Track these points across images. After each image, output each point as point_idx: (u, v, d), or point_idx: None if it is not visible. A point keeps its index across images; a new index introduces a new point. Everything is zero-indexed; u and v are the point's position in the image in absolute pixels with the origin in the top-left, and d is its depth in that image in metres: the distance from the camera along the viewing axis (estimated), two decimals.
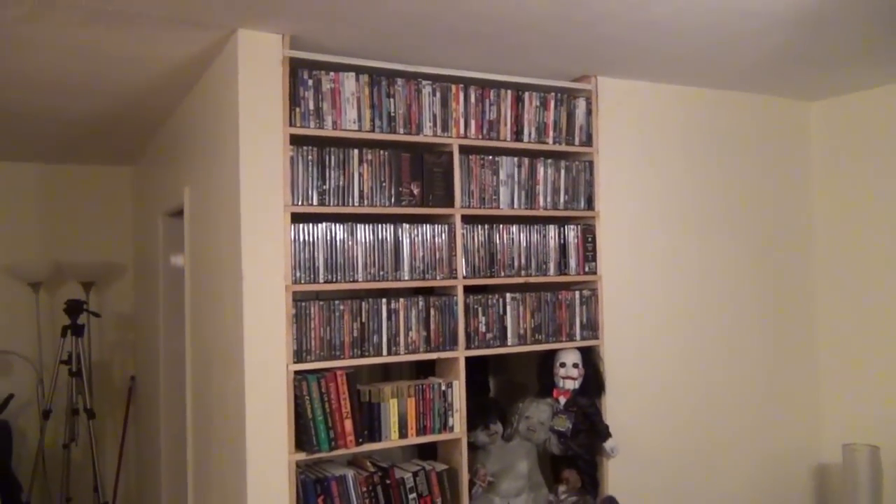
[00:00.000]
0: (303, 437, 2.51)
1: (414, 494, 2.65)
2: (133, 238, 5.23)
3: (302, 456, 2.51)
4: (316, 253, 2.57)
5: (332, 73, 2.60)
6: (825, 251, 3.72)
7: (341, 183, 2.62)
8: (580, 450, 2.94)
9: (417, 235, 2.74)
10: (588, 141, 3.09)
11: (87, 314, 4.76)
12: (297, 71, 2.56)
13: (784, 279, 3.66)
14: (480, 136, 2.87)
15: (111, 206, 5.24)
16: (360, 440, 2.58)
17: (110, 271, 5.12)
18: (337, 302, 2.59)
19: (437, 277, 2.76)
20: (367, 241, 2.65)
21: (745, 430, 3.49)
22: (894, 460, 3.35)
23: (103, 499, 4.62)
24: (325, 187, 2.59)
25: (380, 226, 2.67)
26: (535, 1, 2.28)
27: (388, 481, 2.62)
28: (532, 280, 2.95)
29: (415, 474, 2.67)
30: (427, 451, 2.99)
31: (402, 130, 2.72)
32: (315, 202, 2.57)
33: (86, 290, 4.97)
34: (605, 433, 2.97)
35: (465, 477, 2.76)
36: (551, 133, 3.01)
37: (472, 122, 2.86)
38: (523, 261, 2.94)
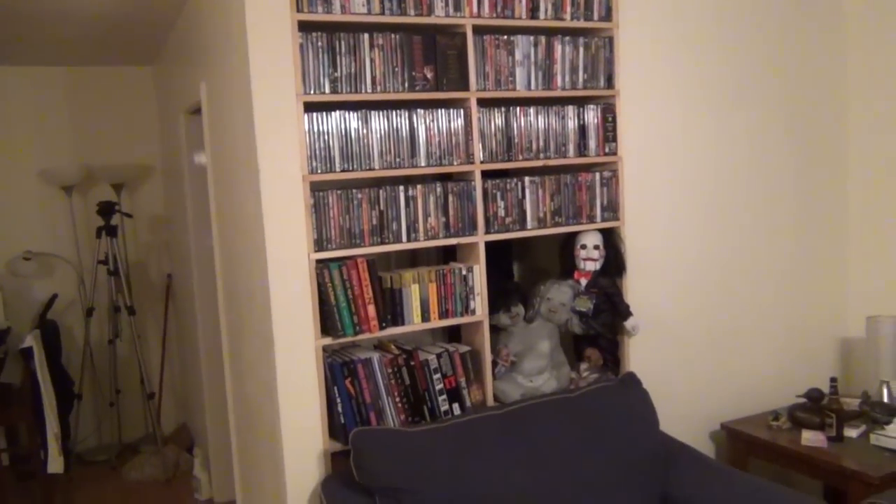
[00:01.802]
0: (328, 323, 2.58)
1: (438, 375, 2.74)
2: (159, 138, 5.27)
3: (328, 341, 2.59)
4: (331, 142, 2.56)
5: None
6: (858, 124, 3.59)
7: (353, 69, 2.58)
8: (602, 329, 2.98)
9: (433, 121, 2.71)
10: (607, 15, 2.98)
11: (120, 215, 4.87)
12: None
13: (815, 151, 3.56)
14: (494, 15, 2.78)
15: (137, 107, 5.26)
16: (384, 324, 2.64)
17: (140, 172, 5.19)
18: (355, 191, 2.61)
19: (454, 163, 2.75)
20: (382, 128, 2.63)
21: (769, 307, 3.50)
22: None
23: (150, 389, 4.86)
24: (336, 75, 2.56)
25: (394, 112, 2.64)
26: None
27: (412, 363, 2.70)
28: (551, 163, 2.92)
29: (438, 356, 2.74)
30: (455, 336, 3.06)
31: (412, 12, 2.64)
32: (327, 90, 2.54)
33: (117, 191, 5.07)
34: (626, 312, 3.00)
35: (487, 357, 2.83)
36: (569, 8, 2.90)
37: (486, 0, 2.76)
38: (541, 143, 2.90)
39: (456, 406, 2.76)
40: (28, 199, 5.02)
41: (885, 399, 3.18)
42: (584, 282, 2.98)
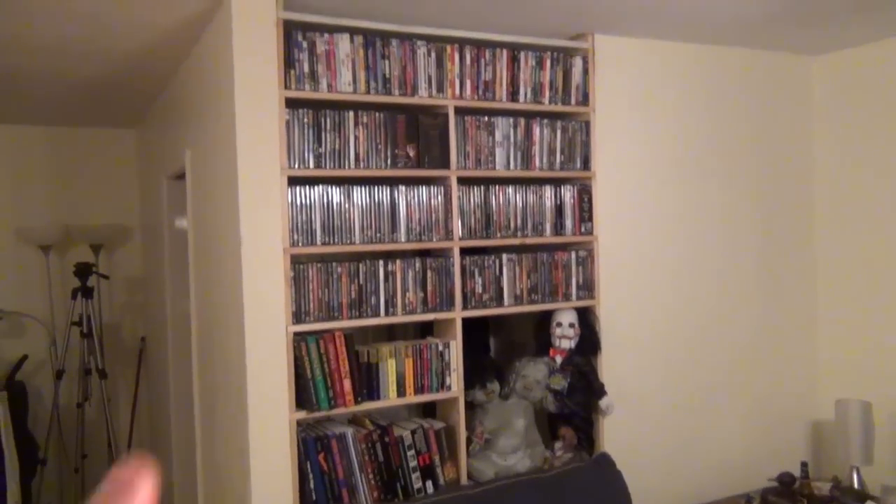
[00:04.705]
0: (303, 397, 2.57)
1: (412, 451, 2.72)
2: (139, 201, 5.28)
3: (302, 415, 2.57)
4: (313, 216, 2.60)
5: (326, 35, 2.60)
6: (825, 208, 3.71)
7: (337, 146, 2.64)
8: (576, 408, 2.99)
9: (413, 198, 2.76)
10: (584, 100, 3.08)
11: (96, 276, 4.84)
12: (291, 33, 2.56)
13: (783, 238, 3.66)
14: (476, 97, 2.87)
15: (118, 169, 5.28)
16: (359, 399, 2.63)
17: (118, 234, 5.18)
18: (335, 264, 2.63)
19: (434, 239, 2.79)
20: (364, 203, 2.67)
21: (740, 388, 3.53)
22: (887, 415, 3.39)
23: (117, 454, 4.75)
24: (321, 150, 2.61)
25: (376, 188, 2.70)
26: None
27: (386, 439, 2.69)
28: (528, 241, 2.97)
29: (413, 432, 2.73)
30: (430, 411, 3.05)
31: (397, 92, 2.72)
32: (311, 165, 2.60)
33: (95, 252, 5.04)
34: (600, 391, 3.01)
35: (462, 435, 2.82)
36: (547, 93, 3.01)
37: (468, 83, 2.85)
38: (519, 222, 2.96)
39: (429, 484, 2.74)
40: (3, 257, 4.98)
41: (856, 485, 3.19)
42: (559, 359, 3.00)
